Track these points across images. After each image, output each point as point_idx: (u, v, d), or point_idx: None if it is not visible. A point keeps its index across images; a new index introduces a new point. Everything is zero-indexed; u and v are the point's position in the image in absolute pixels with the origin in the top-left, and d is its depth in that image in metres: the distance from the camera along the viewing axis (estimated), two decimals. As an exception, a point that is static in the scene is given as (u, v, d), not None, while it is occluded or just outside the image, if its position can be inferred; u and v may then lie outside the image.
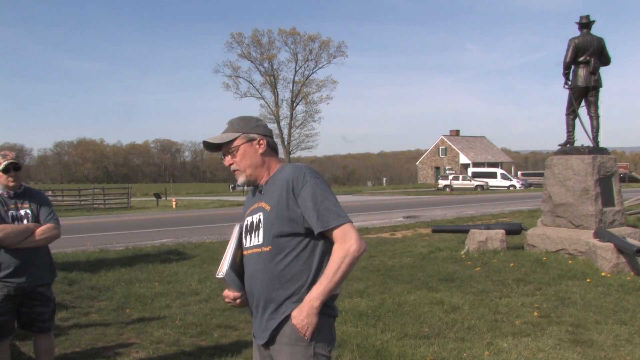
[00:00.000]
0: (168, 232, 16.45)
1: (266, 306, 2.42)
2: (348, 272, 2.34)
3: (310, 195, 2.36)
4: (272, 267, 2.40)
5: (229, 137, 2.53)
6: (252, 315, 2.53)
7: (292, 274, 2.38)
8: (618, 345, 5.05)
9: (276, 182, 2.48)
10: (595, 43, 9.63)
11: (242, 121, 2.58)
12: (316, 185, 2.38)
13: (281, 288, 2.39)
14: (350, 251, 2.31)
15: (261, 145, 2.55)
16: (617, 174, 9.70)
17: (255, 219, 2.50)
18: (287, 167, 2.51)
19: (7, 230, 3.80)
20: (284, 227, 2.39)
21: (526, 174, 65.55)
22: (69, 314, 6.61)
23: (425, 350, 4.97)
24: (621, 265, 8.03)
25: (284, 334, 2.38)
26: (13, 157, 3.96)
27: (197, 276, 8.75)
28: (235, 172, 2.57)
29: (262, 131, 2.57)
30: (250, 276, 2.48)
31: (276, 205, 2.41)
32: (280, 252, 2.39)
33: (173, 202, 34.32)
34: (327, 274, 2.32)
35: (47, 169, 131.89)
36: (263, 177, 2.55)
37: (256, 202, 2.55)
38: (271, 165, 2.57)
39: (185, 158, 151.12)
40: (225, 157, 2.56)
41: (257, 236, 2.46)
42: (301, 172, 2.41)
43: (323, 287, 2.31)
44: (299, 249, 2.40)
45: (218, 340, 5.53)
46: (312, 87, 67.38)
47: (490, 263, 8.97)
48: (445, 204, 29.25)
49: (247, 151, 2.53)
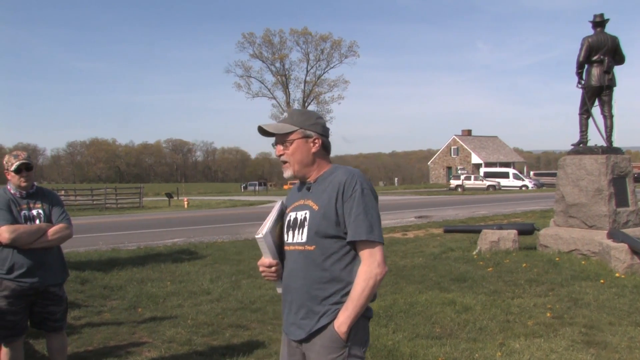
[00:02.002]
0: (180, 232, 16.51)
1: (303, 304, 2.43)
2: (371, 294, 2.37)
3: (356, 203, 2.37)
4: (313, 267, 2.41)
5: (285, 129, 2.50)
6: (285, 311, 2.55)
7: (333, 276, 2.40)
8: (633, 347, 4.99)
9: (327, 183, 2.47)
10: (609, 42, 9.54)
11: (302, 116, 2.54)
12: (364, 196, 2.38)
13: (320, 288, 2.40)
14: (373, 274, 2.34)
15: (315, 144, 2.51)
16: (631, 173, 9.61)
17: (300, 216, 2.49)
18: (340, 170, 2.49)
19: (20, 231, 3.82)
20: (330, 229, 2.39)
21: (538, 174, 65.18)
22: (82, 312, 6.65)
23: (437, 350, 4.95)
24: (635, 266, 7.95)
25: (320, 335, 2.40)
26: (25, 158, 3.98)
27: (209, 276, 8.78)
28: (283, 164, 2.54)
29: (319, 130, 2.53)
30: (290, 272, 2.50)
31: (325, 206, 2.41)
32: (323, 253, 2.41)
33: (185, 202, 34.46)
34: (352, 298, 2.34)
35: (60, 169, 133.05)
36: (312, 175, 2.54)
37: (302, 198, 2.53)
38: (322, 165, 2.54)
39: (197, 158, 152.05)
40: (277, 145, 2.54)
41: (301, 234, 2.45)
42: (354, 179, 2.41)
43: (349, 312, 2.34)
44: (342, 252, 2.41)
45: (230, 339, 5.54)
46: (323, 87, 67.55)
47: (503, 263, 8.92)
48: (457, 204, 29.14)
49: (300, 147, 2.50)
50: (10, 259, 3.85)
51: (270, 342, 5.34)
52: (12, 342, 3.99)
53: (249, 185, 73.16)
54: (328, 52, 66.30)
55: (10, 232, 3.78)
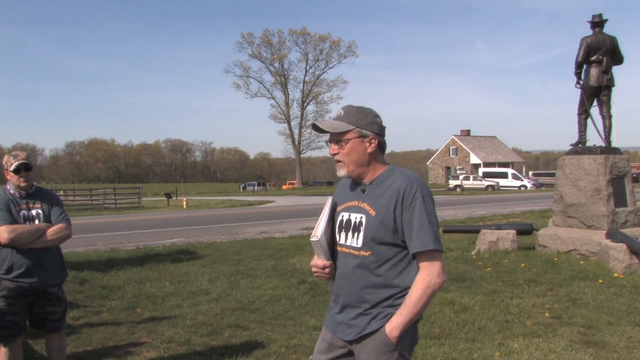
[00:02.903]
0: (179, 232, 16.50)
1: (355, 306, 2.42)
2: (428, 303, 2.34)
3: (417, 212, 2.31)
4: (368, 272, 2.39)
5: (341, 128, 2.42)
6: (333, 309, 2.54)
7: (387, 282, 2.38)
8: (631, 347, 5.00)
9: (384, 188, 2.41)
10: (608, 42, 9.56)
11: (359, 114, 2.44)
12: (425, 204, 2.33)
13: (373, 293, 2.38)
14: (432, 283, 2.31)
15: (372, 145, 2.44)
16: (629, 174, 9.62)
17: (355, 219, 2.44)
18: (398, 174, 2.42)
19: (19, 231, 3.82)
20: (387, 236, 2.36)
21: (537, 174, 65.19)
22: (81, 313, 6.64)
23: (436, 350, 4.96)
24: (634, 266, 7.96)
25: (371, 338, 2.38)
26: (24, 158, 3.98)
27: (208, 276, 8.78)
28: (337, 163, 2.48)
29: (376, 129, 2.45)
30: (342, 275, 2.48)
31: (383, 213, 2.36)
32: (379, 259, 2.37)
33: (184, 202, 34.46)
34: (408, 304, 2.31)
35: (59, 169, 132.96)
36: (367, 176, 2.47)
37: (357, 199, 2.48)
38: (377, 166, 2.47)
39: (195, 158, 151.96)
40: (331, 144, 2.48)
41: (357, 238, 2.42)
42: (414, 186, 2.35)
43: (403, 318, 2.32)
44: (397, 259, 2.38)
45: (229, 340, 5.54)
46: (322, 87, 67.63)
47: (501, 263, 8.93)
48: (456, 204, 29.15)
49: (356, 147, 2.42)
50: (9, 259, 3.85)
51: (269, 342, 5.35)
52: (11, 342, 3.99)
53: (248, 185, 73.03)
54: (327, 52, 66.43)
55: (9, 232, 3.78)
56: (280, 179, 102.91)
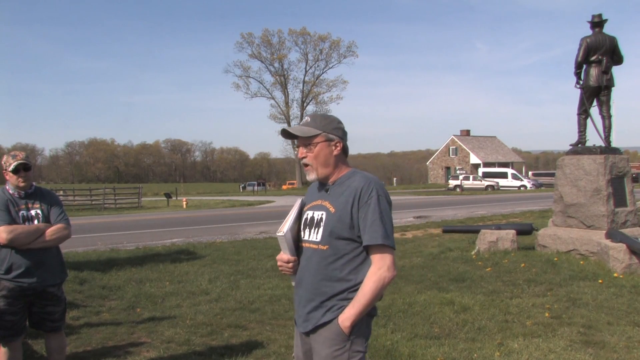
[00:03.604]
0: (178, 232, 16.51)
1: (312, 298, 2.56)
2: (379, 296, 2.48)
3: (371, 210, 2.47)
4: (325, 265, 2.53)
5: (310, 133, 2.60)
6: (296, 303, 2.68)
7: (343, 276, 2.52)
8: (631, 347, 5.00)
9: (344, 187, 2.57)
10: (608, 42, 9.56)
11: (325, 120, 2.65)
12: (380, 203, 2.49)
13: (329, 286, 2.53)
14: (382, 277, 2.46)
15: (337, 148, 2.63)
16: (629, 174, 9.62)
17: (317, 215, 2.61)
18: (358, 176, 2.59)
19: (18, 231, 3.82)
20: (344, 232, 2.51)
21: (537, 174, 65.20)
22: (80, 313, 6.64)
23: (436, 350, 4.96)
24: (634, 266, 7.96)
25: (325, 328, 2.52)
26: (23, 158, 3.97)
27: (208, 276, 8.78)
28: (306, 167, 2.66)
29: (340, 134, 2.65)
30: (303, 268, 2.63)
31: (341, 209, 2.52)
32: (335, 253, 2.52)
33: (183, 202, 34.46)
34: (360, 296, 2.45)
35: (59, 169, 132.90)
36: (332, 177, 2.64)
37: (320, 199, 2.65)
38: (341, 168, 2.65)
39: (195, 158, 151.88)
40: (300, 148, 2.65)
41: (317, 233, 2.58)
42: (370, 186, 2.51)
43: (355, 309, 2.45)
44: (354, 254, 2.52)
45: (228, 340, 5.54)
46: (322, 87, 67.61)
47: (501, 263, 8.93)
48: (456, 204, 29.15)
49: (323, 150, 2.61)
50: (8, 259, 3.85)
51: (269, 342, 5.35)
52: (11, 342, 3.99)
53: (248, 185, 73.02)
54: (327, 52, 66.42)
55: (8, 232, 3.78)
56: (280, 179, 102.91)
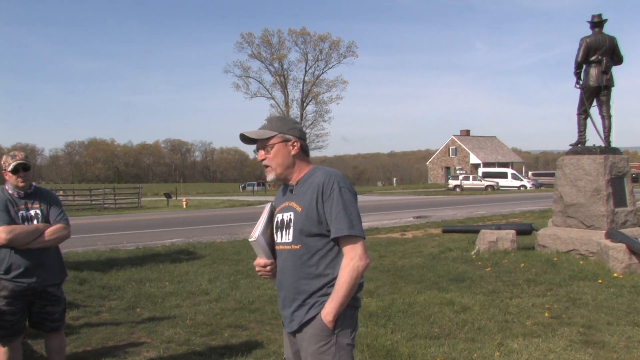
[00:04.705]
0: (178, 232, 16.51)
1: (294, 298, 2.60)
2: (355, 285, 2.53)
3: (335, 202, 2.52)
4: (300, 264, 2.57)
5: (266, 134, 2.65)
6: (280, 305, 2.72)
7: (320, 272, 2.56)
8: (630, 347, 5.00)
9: (307, 185, 2.62)
10: (607, 42, 9.56)
11: (281, 121, 2.71)
12: (342, 195, 2.53)
13: (308, 284, 2.57)
14: (355, 266, 2.50)
15: (294, 147, 2.67)
16: (629, 174, 9.62)
17: (286, 217, 2.64)
18: (319, 172, 2.63)
19: (17, 231, 3.82)
20: (313, 228, 2.55)
21: (537, 174, 65.18)
22: (80, 313, 6.64)
23: (436, 350, 4.96)
24: (633, 266, 7.96)
25: (310, 325, 2.56)
26: (22, 158, 3.97)
27: (208, 276, 8.78)
28: (266, 169, 2.70)
29: (297, 134, 2.69)
30: (281, 270, 2.67)
31: (307, 207, 2.56)
32: (308, 251, 2.57)
33: (183, 202, 34.45)
34: (337, 289, 2.50)
35: (59, 169, 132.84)
36: (293, 177, 2.69)
37: (287, 200, 2.68)
38: (302, 167, 2.69)
39: (195, 158, 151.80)
40: (259, 151, 2.70)
41: (288, 234, 2.62)
42: (331, 179, 2.56)
43: (334, 302, 2.50)
44: (326, 249, 2.57)
45: (228, 340, 5.54)
46: (322, 87, 67.41)
47: (501, 263, 8.93)
48: (456, 204, 29.15)
49: (280, 150, 2.65)
50: (8, 259, 3.85)
51: (269, 342, 5.35)
52: (11, 342, 3.99)
53: (248, 185, 73.08)
54: (327, 52, 66.16)
55: (7, 232, 3.78)
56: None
